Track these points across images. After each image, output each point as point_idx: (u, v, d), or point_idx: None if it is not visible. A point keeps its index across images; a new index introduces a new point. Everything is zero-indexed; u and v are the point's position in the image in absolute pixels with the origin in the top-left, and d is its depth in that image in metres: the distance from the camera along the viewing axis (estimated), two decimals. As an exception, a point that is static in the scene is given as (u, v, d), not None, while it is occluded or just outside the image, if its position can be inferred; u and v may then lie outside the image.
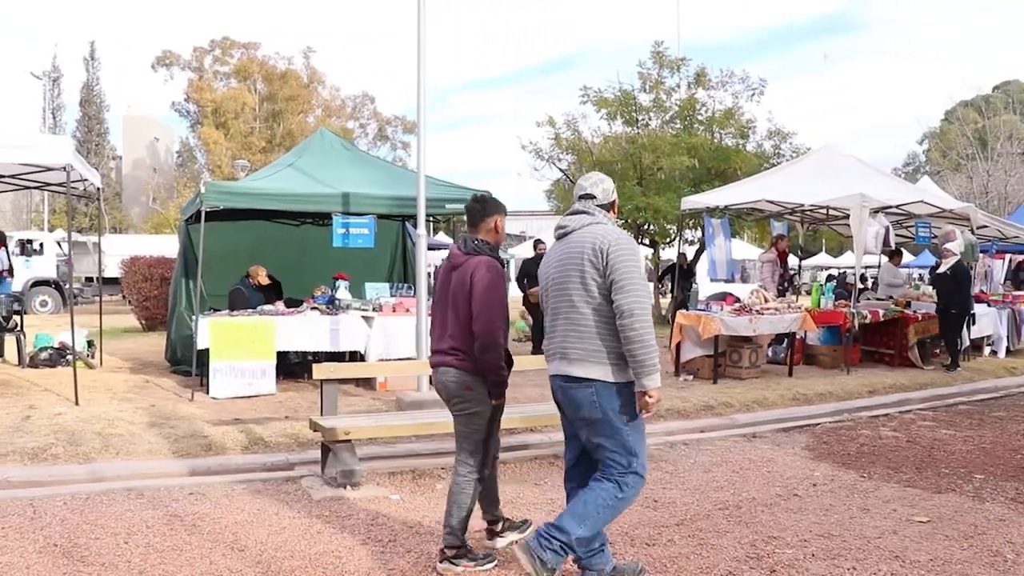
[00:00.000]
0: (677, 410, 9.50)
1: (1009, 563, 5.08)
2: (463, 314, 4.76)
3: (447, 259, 5.05)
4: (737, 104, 22.39)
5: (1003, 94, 74.21)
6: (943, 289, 13.33)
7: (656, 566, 4.94)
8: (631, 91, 22.24)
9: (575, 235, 4.37)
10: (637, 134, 21.83)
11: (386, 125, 64.90)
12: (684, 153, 19.75)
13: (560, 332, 4.38)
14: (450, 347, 4.84)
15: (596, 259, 4.18)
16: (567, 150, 22.39)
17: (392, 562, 4.99)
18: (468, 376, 4.82)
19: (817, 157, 15.47)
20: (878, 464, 7.65)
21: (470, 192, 11.32)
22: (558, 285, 4.38)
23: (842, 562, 5.04)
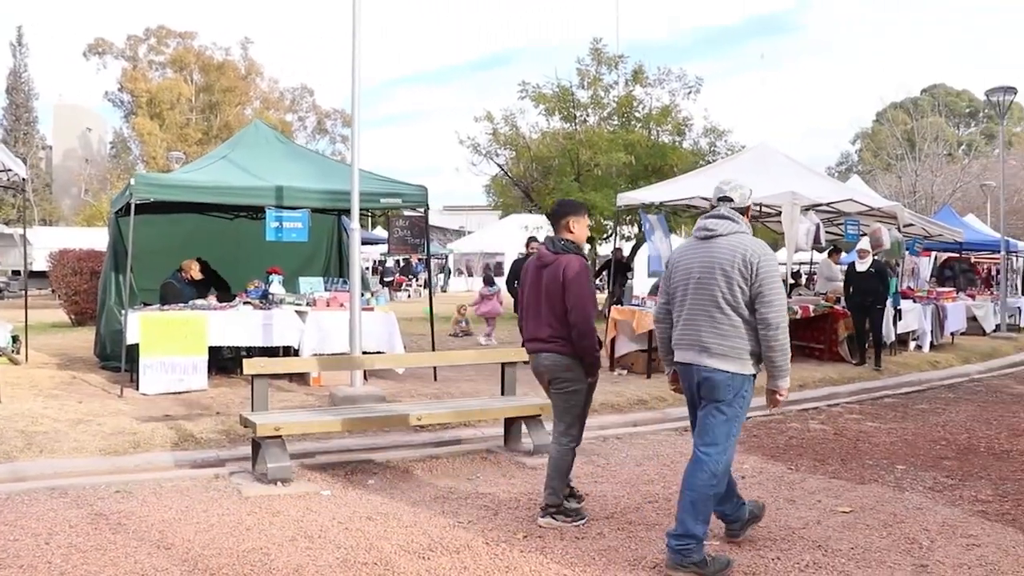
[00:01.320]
0: (611, 404, 9.59)
1: (924, 549, 5.24)
2: (558, 306, 5.52)
3: (536, 257, 5.79)
4: (674, 102, 22.56)
5: (930, 97, 76.07)
6: (867, 287, 13.32)
7: (585, 559, 4.99)
8: (569, 87, 22.33)
9: (722, 240, 4.78)
10: (575, 130, 21.92)
11: (325, 118, 64.44)
12: (621, 149, 19.87)
13: (697, 326, 4.81)
14: (549, 335, 5.59)
15: (745, 270, 4.65)
16: (505, 145, 22.37)
17: (321, 558, 4.97)
18: (567, 359, 5.56)
19: (751, 155, 15.71)
20: (805, 456, 7.81)
21: (405, 187, 11.31)
22: (701, 283, 4.79)
23: (767, 552, 5.15)
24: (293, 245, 11.43)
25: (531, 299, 5.75)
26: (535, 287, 5.69)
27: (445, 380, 11.00)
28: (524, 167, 22.38)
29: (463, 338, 17.28)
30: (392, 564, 4.88)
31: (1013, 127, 72.24)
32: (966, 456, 7.89)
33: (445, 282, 46.88)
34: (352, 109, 9.73)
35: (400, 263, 41.18)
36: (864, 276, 13.42)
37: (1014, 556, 5.14)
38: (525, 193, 22.53)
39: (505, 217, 42.03)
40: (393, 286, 36.71)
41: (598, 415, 9.20)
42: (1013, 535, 5.56)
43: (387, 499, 6.25)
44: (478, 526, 5.61)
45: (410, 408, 7.88)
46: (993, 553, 5.19)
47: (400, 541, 5.28)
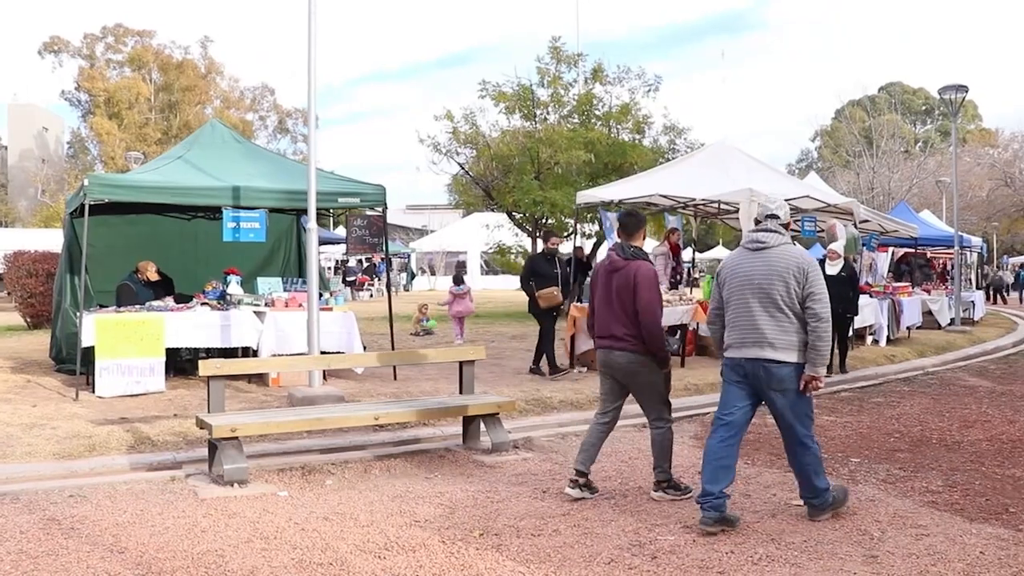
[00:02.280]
0: (571, 402, 9.64)
1: (875, 540, 5.32)
2: (629, 307, 6.06)
3: (607, 262, 6.36)
4: (634, 100, 22.75)
5: (887, 94, 77.10)
6: (837, 293, 12.51)
7: (540, 556, 5.01)
8: (529, 86, 22.40)
9: (775, 251, 5.60)
10: (535, 128, 21.99)
11: (287, 117, 63.95)
12: (581, 147, 19.97)
13: (760, 325, 5.55)
14: (623, 334, 6.11)
15: (800, 276, 5.49)
16: (465, 144, 22.41)
17: (276, 559, 4.96)
18: (640, 356, 6.11)
19: (709, 153, 15.85)
20: (762, 451, 7.90)
21: (363, 186, 11.28)
22: (761, 288, 5.55)
23: (721, 546, 5.20)
24: (252, 245, 11.37)
25: (603, 301, 6.29)
26: (606, 289, 6.25)
27: (405, 379, 10.99)
28: (484, 166, 22.44)
29: (424, 337, 17.25)
30: (348, 564, 4.87)
31: (967, 125, 73.43)
32: (919, 448, 8.01)
33: (408, 281, 46.78)
34: (308, 107, 9.70)
35: (363, 263, 41.02)
36: (834, 281, 12.68)
37: (960, 545, 5.24)
38: (485, 192, 22.57)
39: (468, 216, 42.00)
40: (356, 286, 36.57)
41: (557, 412, 9.27)
42: (960, 524, 5.67)
43: (344, 499, 6.24)
44: (435, 525, 5.62)
45: (368, 408, 7.88)
46: (941, 542, 5.28)
47: (356, 541, 5.28)
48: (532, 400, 9.53)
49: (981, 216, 56.66)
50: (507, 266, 26.28)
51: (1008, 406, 10.35)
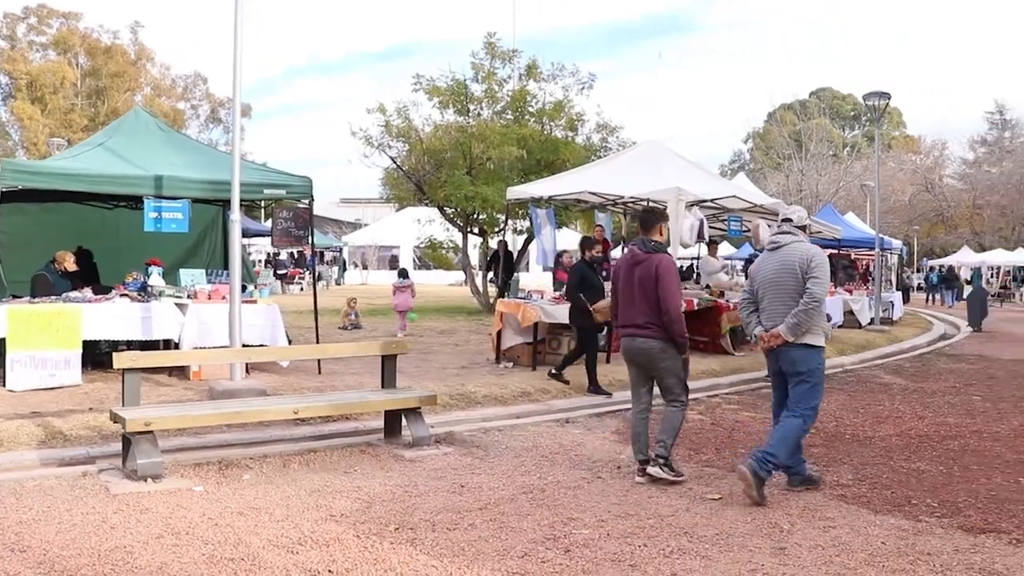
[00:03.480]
0: (495, 396, 9.65)
1: (784, 532, 5.45)
2: (652, 297, 6.50)
3: (629, 256, 6.79)
4: (568, 97, 22.84)
5: (817, 99, 78.69)
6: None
7: (454, 550, 5.02)
8: (463, 81, 22.36)
9: (787, 248, 6.42)
10: (468, 124, 21.96)
11: (219, 107, 62.94)
12: (514, 143, 20.00)
13: (779, 314, 6.32)
14: (646, 322, 6.56)
15: (804, 264, 6.24)
16: (397, 138, 22.27)
17: (186, 555, 4.88)
18: (660, 343, 6.54)
19: (640, 151, 15.98)
20: (682, 446, 7.96)
21: (290, 178, 11.16)
22: (777, 282, 6.38)
23: (635, 540, 5.26)
24: (175, 236, 11.14)
25: (625, 291, 6.72)
26: (628, 281, 6.68)
27: (330, 373, 10.89)
28: (417, 160, 22.33)
29: (352, 331, 17.12)
30: (259, 559, 4.82)
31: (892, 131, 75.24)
32: (832, 443, 8.19)
33: (340, 275, 46.39)
34: (233, 95, 9.56)
35: (295, 255, 40.55)
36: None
37: (864, 536, 5.39)
38: (417, 186, 22.47)
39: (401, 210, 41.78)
40: (287, 279, 36.15)
41: (481, 407, 9.28)
42: (866, 516, 5.83)
43: (261, 494, 6.17)
44: (351, 519, 5.59)
45: (288, 402, 7.80)
46: (847, 534, 5.42)
47: (270, 536, 5.23)
48: (456, 395, 9.52)
49: (903, 220, 58.19)
50: (439, 261, 26.24)
51: (919, 403, 10.66)
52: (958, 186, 62.66)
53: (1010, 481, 6.89)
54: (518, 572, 4.70)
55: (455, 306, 24.76)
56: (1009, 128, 63.24)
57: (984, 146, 64.64)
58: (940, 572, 4.81)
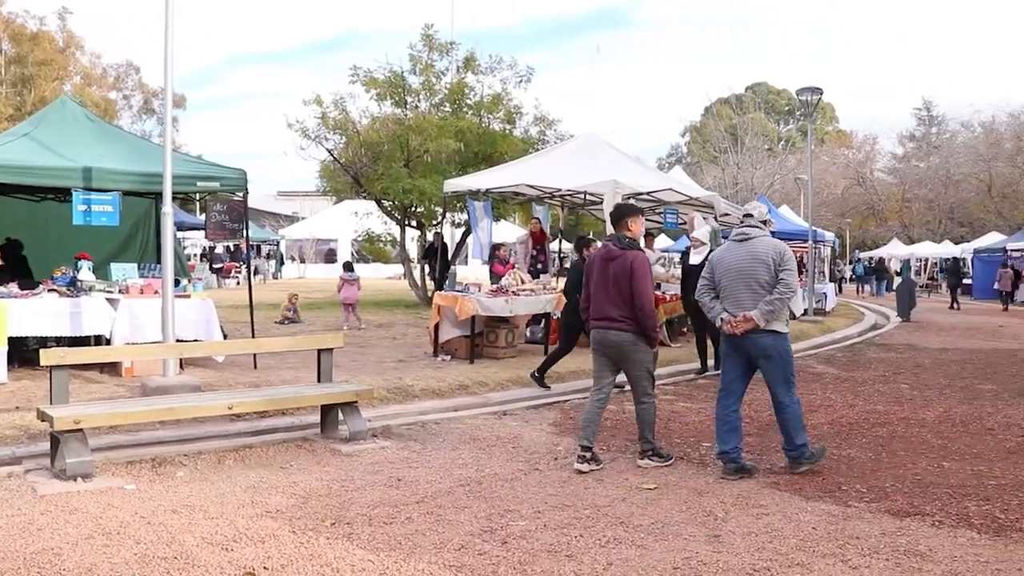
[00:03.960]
0: (432, 390, 9.63)
1: (719, 520, 5.53)
2: (625, 292, 6.73)
3: (604, 251, 7.02)
4: (505, 90, 22.83)
5: (753, 94, 79.81)
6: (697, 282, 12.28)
7: (391, 544, 5.00)
8: (401, 73, 22.24)
9: (755, 241, 6.75)
10: (405, 116, 21.85)
11: (153, 97, 61.49)
12: (451, 136, 19.94)
13: (744, 301, 6.65)
14: (619, 315, 6.79)
15: (776, 257, 6.62)
16: (334, 130, 22.06)
17: (117, 555, 4.78)
18: (632, 335, 6.80)
19: (577, 144, 16.05)
20: (618, 437, 8.06)
21: (224, 170, 10.99)
22: (745, 271, 6.68)
23: (571, 530, 5.29)
24: (106, 230, 10.91)
25: (599, 286, 6.93)
26: (603, 275, 6.91)
27: (266, 368, 10.78)
28: (353, 152, 22.14)
29: (288, 325, 16.94)
30: (193, 557, 4.75)
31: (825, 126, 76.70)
32: (765, 432, 8.32)
33: (278, 269, 45.89)
34: (165, 85, 9.39)
35: (231, 249, 40.00)
36: (696, 270, 11.59)
37: (796, 522, 5.50)
38: (354, 179, 22.28)
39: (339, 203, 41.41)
40: (223, 273, 35.67)
41: (418, 401, 9.25)
42: (798, 503, 5.95)
43: (195, 491, 6.07)
44: (286, 515, 5.53)
45: (223, 397, 7.70)
46: (779, 521, 5.52)
47: (204, 533, 5.15)
48: (394, 388, 9.48)
49: (835, 212, 59.41)
50: (376, 254, 26.07)
51: (850, 391, 10.89)
52: (888, 180, 64.17)
53: (934, 466, 7.09)
54: (455, 565, 4.70)
55: (393, 299, 24.65)
56: (936, 124, 64.96)
57: (913, 141, 66.31)
58: (867, 555, 4.92)
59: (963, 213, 56.98)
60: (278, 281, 40.55)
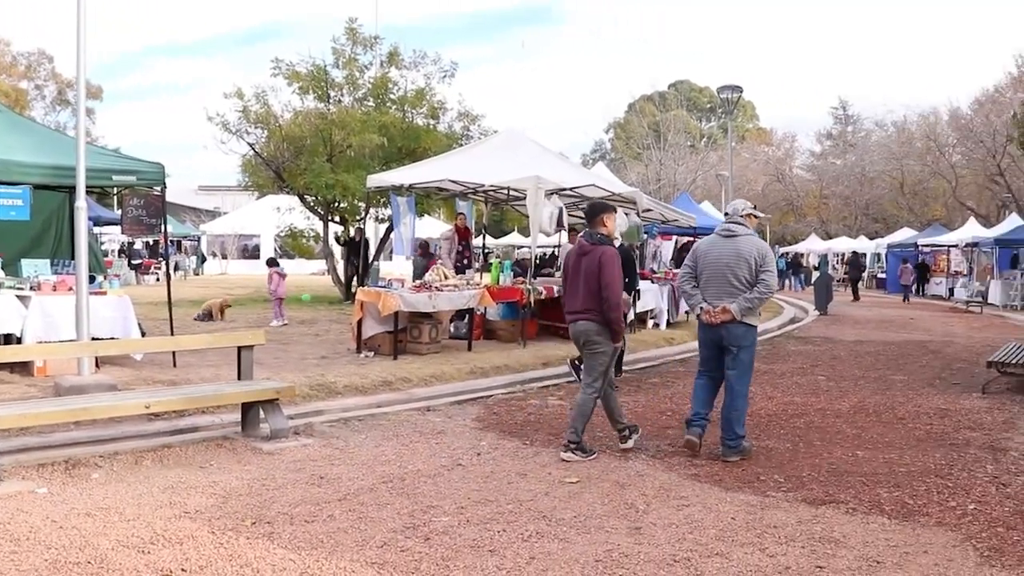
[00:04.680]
0: (355, 387, 9.55)
1: (640, 512, 5.60)
2: (593, 286, 7.03)
3: (577, 247, 7.33)
4: (429, 85, 22.74)
5: (676, 91, 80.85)
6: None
7: (312, 542, 4.95)
8: (324, 66, 22.00)
9: (740, 239, 7.16)
10: (328, 110, 21.62)
11: (67, 88, 59.71)
12: (375, 131, 19.78)
13: (722, 296, 7.07)
14: (585, 308, 7.11)
15: (759, 257, 7.05)
16: (256, 124, 21.71)
17: (27, 561, 4.63)
18: (597, 326, 7.08)
19: (500, 140, 16.08)
20: (541, 431, 8.10)
21: (141, 164, 10.73)
22: (728, 267, 7.09)
23: (494, 525, 5.30)
24: (17, 224, 10.54)
25: (574, 280, 7.25)
26: (576, 270, 7.22)
27: (186, 366, 10.56)
28: (276, 147, 21.83)
29: (208, 322, 16.62)
30: (107, 561, 4.63)
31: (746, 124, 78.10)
32: (687, 425, 8.44)
33: (199, 265, 45.05)
34: (77, 73, 9.14)
35: (151, 245, 39.12)
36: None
37: (716, 513, 5.60)
38: (276, 173, 21.97)
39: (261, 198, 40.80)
40: (142, 269, 34.88)
41: (341, 398, 9.17)
42: (718, 494, 6.06)
43: (111, 493, 5.93)
44: (206, 515, 5.44)
45: (140, 396, 7.52)
46: (699, 512, 5.62)
47: (119, 536, 5.03)
48: (316, 385, 9.38)
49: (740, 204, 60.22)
50: (299, 250, 25.73)
51: (769, 384, 11.11)
52: (806, 177, 65.61)
53: (848, 455, 7.29)
54: (377, 562, 4.68)
55: (316, 295, 24.38)
56: (852, 123, 66.63)
57: (830, 140, 67.88)
58: (784, 543, 5.04)
59: (877, 209, 58.54)
60: (199, 277, 39.84)
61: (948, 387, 11.11)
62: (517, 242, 46.57)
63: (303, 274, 40.75)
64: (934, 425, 8.64)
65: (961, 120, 48.90)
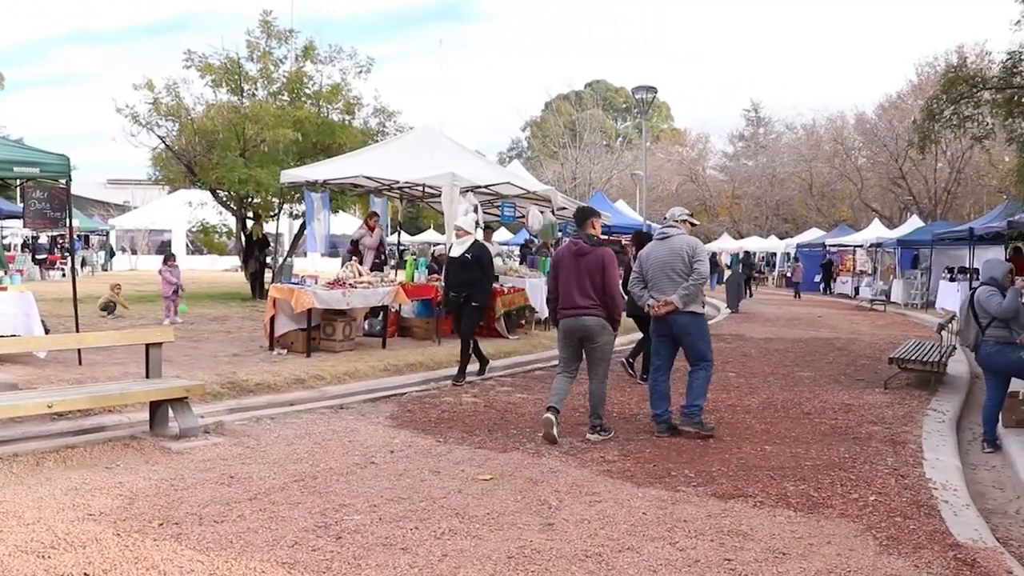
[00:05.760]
0: (268, 384, 9.42)
1: (553, 509, 5.65)
2: (596, 283, 7.70)
3: (574, 248, 7.86)
4: (345, 80, 22.52)
5: (592, 91, 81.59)
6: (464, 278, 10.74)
7: (222, 543, 4.87)
8: (237, 59, 21.61)
9: (673, 239, 8.08)
10: (242, 104, 21.26)
11: (-34, 77, 57.62)
12: (289, 126, 19.52)
13: (665, 289, 7.96)
14: (590, 304, 7.72)
15: (689, 251, 7.94)
16: (167, 116, 21.21)
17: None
18: (602, 320, 7.75)
19: (415, 136, 16.00)
20: (455, 429, 8.11)
21: (44, 155, 10.39)
22: (667, 264, 7.99)
23: (407, 523, 5.29)
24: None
25: (570, 278, 7.78)
26: (575, 269, 7.78)
27: (92, 364, 10.26)
28: (187, 140, 21.35)
29: (115, 319, 16.19)
30: (5, 567, 4.48)
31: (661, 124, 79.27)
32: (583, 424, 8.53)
33: (107, 260, 43.83)
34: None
35: (57, 239, 37.89)
36: (455, 264, 10.90)
37: (627, 508, 5.69)
38: (188, 168, 21.50)
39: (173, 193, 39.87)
40: (46, 264, 33.80)
41: (253, 396, 9.04)
42: (630, 489, 6.15)
43: (9, 496, 5.72)
44: (111, 517, 5.30)
45: (42, 395, 7.28)
46: (611, 507, 5.70)
47: (17, 541, 4.86)
48: (227, 383, 9.22)
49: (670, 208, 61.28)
50: (212, 246, 25.22)
51: (680, 380, 11.07)
52: (719, 177, 66.92)
53: (757, 450, 7.48)
54: (288, 562, 4.63)
55: (229, 292, 23.97)
56: (763, 125, 68.16)
57: (742, 141, 69.28)
58: (694, 537, 5.15)
59: (787, 210, 59.98)
60: (107, 273, 38.71)
61: (853, 383, 11.46)
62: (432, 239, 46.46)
63: (216, 270, 40.05)
64: (839, 420, 8.91)
65: (866, 124, 50.44)
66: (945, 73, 18.54)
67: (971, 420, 9.36)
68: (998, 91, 16.54)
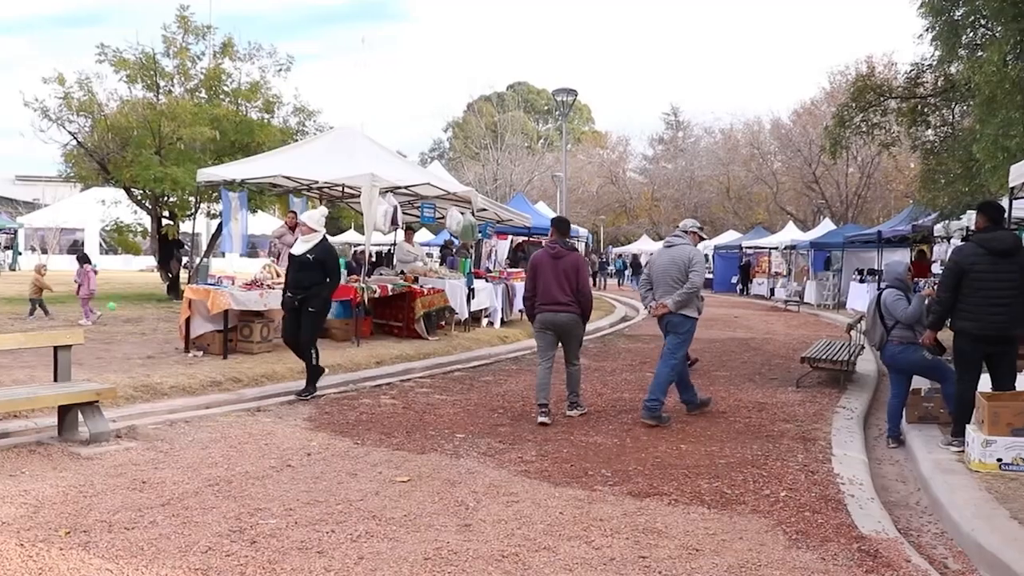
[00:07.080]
0: (183, 387, 9.25)
1: (470, 510, 5.68)
2: (573, 283, 8.72)
3: (552, 251, 8.87)
4: (264, 78, 22.25)
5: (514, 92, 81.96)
6: (303, 279, 9.56)
7: (132, 550, 4.77)
8: (153, 55, 21.16)
9: (676, 248, 8.93)
10: (157, 101, 20.83)
11: None
12: (207, 123, 19.19)
13: (669, 292, 8.73)
14: (568, 301, 8.72)
15: (686, 261, 8.77)
16: (79, 112, 20.64)
17: None
18: (577, 316, 8.85)
19: (334, 136, 15.88)
20: (373, 430, 8.07)
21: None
22: (667, 271, 8.81)
23: (323, 527, 5.26)
24: None
25: (550, 278, 8.74)
26: (554, 271, 8.73)
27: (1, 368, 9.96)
28: (100, 137, 20.81)
29: (26, 320, 15.72)
30: (-99, 577, 4.34)
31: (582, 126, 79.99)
32: (519, 422, 8.61)
33: (14, 260, 42.51)
34: None
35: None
36: (296, 263, 9.70)
37: (545, 508, 5.74)
38: (101, 165, 20.96)
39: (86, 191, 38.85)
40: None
41: (167, 399, 8.87)
42: (547, 489, 6.20)
43: (-96, 506, 5.54)
44: (14, 527, 5.13)
45: (-58, 400, 7.04)
46: (529, 507, 5.74)
47: (-86, 552, 4.71)
48: (141, 386, 9.02)
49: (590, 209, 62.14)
50: (126, 245, 24.64)
51: (599, 381, 11.44)
52: (639, 179, 67.86)
53: (673, 448, 7.61)
54: (201, 568, 4.56)
55: (144, 293, 23.47)
56: (682, 128, 69.29)
57: (661, 144, 70.35)
58: (610, 535, 5.22)
59: (705, 212, 60.97)
60: (15, 273, 37.56)
61: (766, 382, 11.74)
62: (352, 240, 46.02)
63: (130, 270, 39.16)
64: (752, 418, 9.12)
65: (782, 130, 51.71)
66: (855, 82, 19.08)
67: (877, 417, 9.65)
68: (903, 100, 17.11)
